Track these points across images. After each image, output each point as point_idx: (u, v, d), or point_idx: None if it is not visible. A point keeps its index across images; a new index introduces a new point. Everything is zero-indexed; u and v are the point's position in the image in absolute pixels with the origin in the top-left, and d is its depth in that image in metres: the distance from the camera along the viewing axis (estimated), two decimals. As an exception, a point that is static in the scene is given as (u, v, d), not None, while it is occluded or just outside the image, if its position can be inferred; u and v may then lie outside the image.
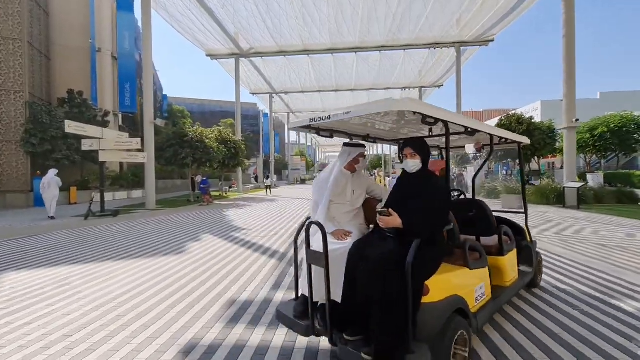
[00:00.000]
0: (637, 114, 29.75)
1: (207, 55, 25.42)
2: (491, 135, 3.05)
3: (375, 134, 3.32)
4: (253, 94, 36.52)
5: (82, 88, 18.24)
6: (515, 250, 3.28)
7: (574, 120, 12.83)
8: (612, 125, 28.68)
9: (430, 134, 3.22)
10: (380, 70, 30.31)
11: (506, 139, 3.31)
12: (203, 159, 16.70)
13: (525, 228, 3.68)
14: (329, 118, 2.23)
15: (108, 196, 18.21)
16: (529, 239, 3.68)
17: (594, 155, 32.76)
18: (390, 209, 2.09)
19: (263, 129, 56.79)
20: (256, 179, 45.94)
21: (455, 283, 2.27)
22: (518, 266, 3.36)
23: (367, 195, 2.80)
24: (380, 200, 2.71)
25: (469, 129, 2.56)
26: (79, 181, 17.55)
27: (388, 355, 1.84)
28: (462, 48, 24.33)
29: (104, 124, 18.26)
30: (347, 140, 2.91)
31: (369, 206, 2.74)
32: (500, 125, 19.19)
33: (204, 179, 15.39)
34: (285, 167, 51.75)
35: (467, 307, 2.25)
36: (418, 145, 2.29)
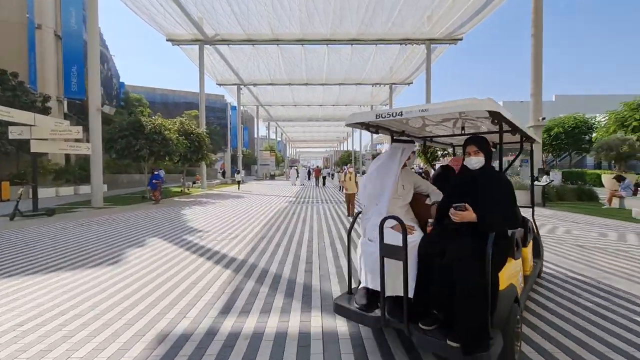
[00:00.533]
0: (589, 116, 31.78)
1: (168, 40, 23.52)
2: (523, 136, 3.29)
3: (424, 133, 3.53)
4: (220, 84, 34.68)
5: (17, 69, 15.98)
6: (531, 242, 3.51)
7: (540, 118, 13.02)
8: (567, 126, 30.34)
9: (463, 132, 3.36)
10: (352, 65, 29.85)
11: (527, 138, 3.48)
12: (161, 151, 15.24)
13: (532, 221, 3.81)
14: (401, 114, 2.29)
15: (50, 192, 16.23)
16: (536, 231, 3.91)
17: (550, 154, 34.75)
18: (466, 204, 2.19)
19: (231, 122, 54.64)
20: (223, 174, 44.05)
21: (511, 273, 2.41)
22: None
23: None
24: (427, 196, 2.86)
25: (516, 129, 2.77)
26: (13, 175, 15.42)
27: (476, 342, 1.94)
28: (432, 46, 24.36)
29: (45, 111, 16.17)
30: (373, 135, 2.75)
31: (418, 201, 2.87)
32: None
33: (156, 172, 13.87)
34: (254, 162, 50.17)
35: (518, 295, 2.43)
36: (482, 144, 2.37)
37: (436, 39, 23.75)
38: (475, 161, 2.36)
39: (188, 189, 20.88)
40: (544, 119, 13.16)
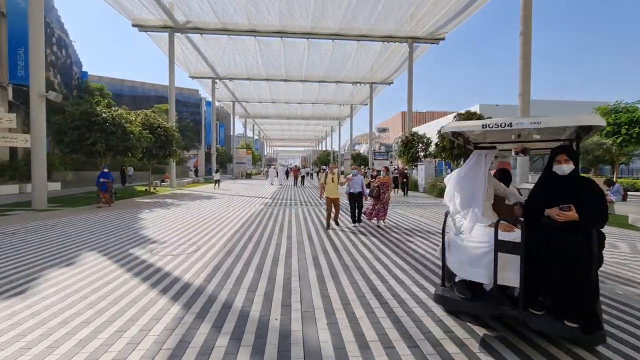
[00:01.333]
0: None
1: (134, 26, 21.56)
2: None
3: (486, 140, 3.58)
4: (193, 77, 32.71)
5: (-54, 47, 13.70)
6: None
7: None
8: (542, 130, 30.83)
9: (518, 138, 3.43)
10: (332, 62, 28.94)
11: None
12: (120, 146, 13.55)
13: None
14: (510, 125, 2.57)
15: (-14, 191, 14.07)
16: None
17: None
18: (571, 205, 2.46)
19: (205, 118, 52.29)
20: (196, 172, 41.84)
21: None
22: None
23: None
24: (505, 197, 3.41)
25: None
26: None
27: (593, 322, 2.34)
28: (414, 45, 23.94)
29: (-19, 97, 13.98)
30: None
31: (498, 201, 3.39)
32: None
33: (104, 170, 12.10)
34: (230, 161, 48.12)
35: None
36: (571, 153, 2.69)
37: (419, 37, 23.53)
38: (567, 168, 2.66)
39: (154, 188, 19.11)
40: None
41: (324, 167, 15.49)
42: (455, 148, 15.33)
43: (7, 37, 17.46)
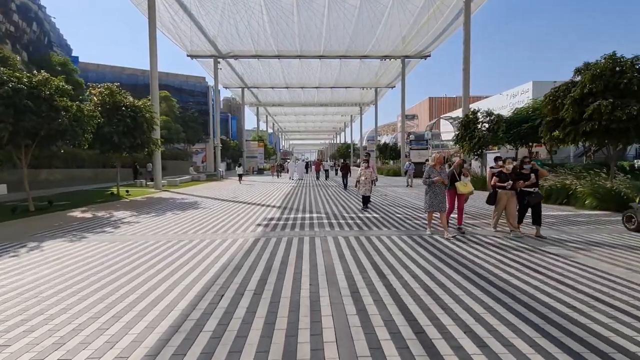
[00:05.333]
0: None
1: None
2: None
3: None
4: (191, 56, 27.78)
5: None
6: None
7: None
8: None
9: None
10: (358, 28, 23.34)
11: None
12: (42, 130, 8.72)
13: None
14: None
15: None
16: None
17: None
18: None
19: (213, 109, 47.71)
20: (197, 168, 37.28)
21: None
22: None
23: None
24: None
25: None
26: None
27: None
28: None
29: None
30: None
31: None
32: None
33: None
34: (242, 155, 43.37)
35: None
36: None
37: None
38: None
39: (127, 192, 14.32)
40: None
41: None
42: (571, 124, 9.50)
43: None
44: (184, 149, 42.16)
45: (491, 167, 6.98)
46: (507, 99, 35.51)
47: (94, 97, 12.22)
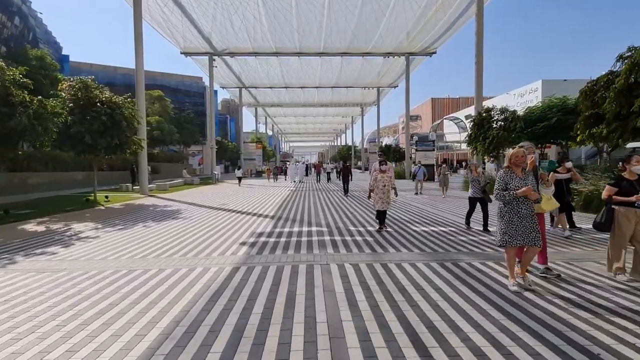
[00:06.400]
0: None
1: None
2: None
3: None
4: (185, 53, 26.47)
5: None
6: None
7: None
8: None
9: None
10: (360, 24, 22.02)
11: None
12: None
13: None
14: None
15: None
16: None
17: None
18: None
19: (211, 109, 46.34)
20: (188, 172, 35.82)
21: None
22: None
23: None
24: None
25: None
26: None
27: None
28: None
29: None
30: None
31: None
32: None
33: None
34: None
35: None
36: None
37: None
38: None
39: (107, 198, 12.88)
40: None
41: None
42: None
43: None
44: (180, 151, 40.75)
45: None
46: (515, 99, 34.14)
47: (63, 93, 10.81)
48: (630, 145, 10.91)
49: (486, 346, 2.28)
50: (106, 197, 12.96)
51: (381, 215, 6.50)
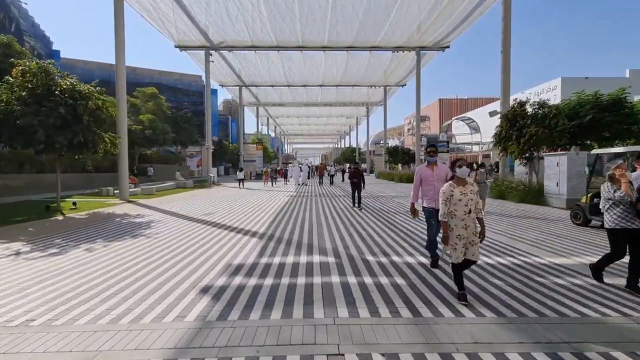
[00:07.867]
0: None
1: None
2: None
3: None
4: (180, 47, 24.67)
5: None
6: None
7: None
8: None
9: None
10: (367, 17, 20.09)
11: None
12: None
13: None
14: None
15: None
16: None
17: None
18: None
19: (208, 107, 44.62)
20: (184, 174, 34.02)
21: None
22: None
23: None
24: None
25: None
26: None
27: None
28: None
29: None
30: None
31: None
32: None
33: None
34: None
35: None
36: None
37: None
38: None
39: (75, 204, 10.96)
40: None
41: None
42: None
43: None
44: (177, 152, 38.96)
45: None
46: (532, 98, 32.08)
47: (11, 78, 8.94)
48: None
49: None
50: (74, 203, 11.04)
51: (459, 275, 3.30)
